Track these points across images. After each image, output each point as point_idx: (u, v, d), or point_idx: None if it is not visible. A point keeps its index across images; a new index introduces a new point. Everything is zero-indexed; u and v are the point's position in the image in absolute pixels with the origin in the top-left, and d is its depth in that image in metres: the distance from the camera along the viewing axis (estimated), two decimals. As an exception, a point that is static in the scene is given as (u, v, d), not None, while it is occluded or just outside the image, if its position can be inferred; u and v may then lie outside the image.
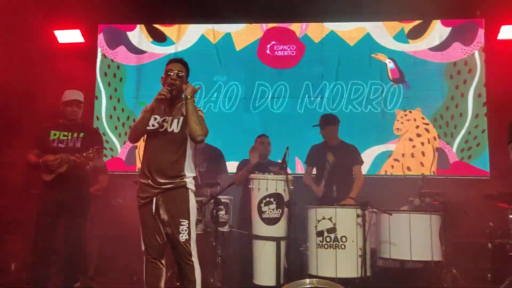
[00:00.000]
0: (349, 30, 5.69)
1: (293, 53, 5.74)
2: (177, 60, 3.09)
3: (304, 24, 5.77)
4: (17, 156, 4.46)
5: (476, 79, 5.46)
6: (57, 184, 3.52)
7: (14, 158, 5.19)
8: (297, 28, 5.79)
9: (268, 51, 5.78)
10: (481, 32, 5.51)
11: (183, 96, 2.97)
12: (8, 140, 5.13)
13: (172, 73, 3.00)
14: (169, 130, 2.96)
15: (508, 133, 2.72)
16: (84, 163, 3.44)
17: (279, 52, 5.76)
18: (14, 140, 4.96)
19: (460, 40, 5.54)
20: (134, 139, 3.05)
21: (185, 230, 2.88)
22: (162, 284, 3.00)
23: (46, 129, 3.67)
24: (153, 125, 2.96)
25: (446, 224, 3.84)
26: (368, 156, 5.37)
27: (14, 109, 5.18)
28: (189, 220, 2.91)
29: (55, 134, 3.63)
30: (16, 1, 5.07)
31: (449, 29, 5.58)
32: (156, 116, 2.98)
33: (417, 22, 5.61)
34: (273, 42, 5.78)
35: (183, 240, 2.87)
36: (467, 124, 5.43)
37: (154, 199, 2.90)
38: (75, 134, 3.65)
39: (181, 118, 2.99)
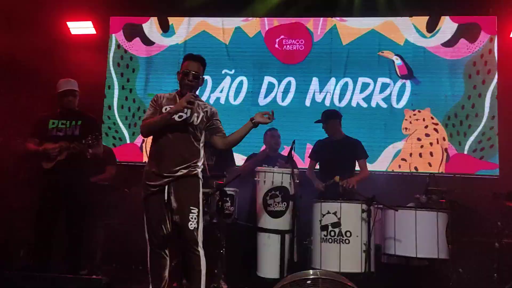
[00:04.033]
0: (358, 27, 5.65)
1: (301, 47, 5.71)
2: (194, 59, 3.05)
3: (313, 18, 5.74)
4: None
5: (495, 80, 5.37)
6: (57, 171, 3.55)
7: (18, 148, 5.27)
8: (308, 22, 5.76)
9: (276, 45, 5.76)
10: (483, 33, 5.43)
11: (253, 122, 3.02)
12: (18, 130, 5.19)
13: (189, 75, 2.98)
14: (189, 121, 2.96)
15: None
16: (83, 150, 3.47)
17: (288, 46, 5.74)
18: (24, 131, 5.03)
19: (466, 37, 5.47)
20: (148, 135, 3.04)
21: (195, 219, 2.87)
22: (167, 273, 3.02)
23: (45, 118, 3.72)
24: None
25: (453, 222, 3.80)
26: (376, 153, 5.34)
27: (27, 99, 5.24)
28: (198, 208, 2.92)
29: (53, 123, 3.68)
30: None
31: (456, 25, 5.51)
32: (171, 106, 2.97)
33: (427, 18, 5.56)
34: (282, 36, 5.76)
35: (192, 228, 2.86)
36: (481, 125, 5.34)
37: (166, 187, 2.89)
38: (73, 122, 3.69)
39: (201, 114, 3.01)
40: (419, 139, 5.43)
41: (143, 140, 5.73)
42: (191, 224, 2.86)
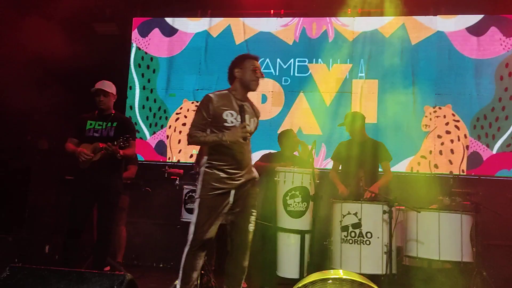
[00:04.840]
0: (381, 25, 5.59)
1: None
2: (258, 60, 3.06)
3: (333, 18, 5.70)
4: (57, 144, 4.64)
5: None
6: (92, 172, 3.66)
7: (51, 145, 5.40)
8: (326, 22, 5.73)
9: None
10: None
11: None
12: (43, 129, 5.34)
13: (259, 72, 2.97)
14: (248, 128, 2.88)
15: None
16: (115, 151, 3.55)
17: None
18: (50, 129, 5.15)
19: (498, 26, 5.29)
20: (195, 145, 3.07)
21: (253, 221, 2.97)
22: (197, 275, 3.04)
23: (84, 119, 3.84)
24: (231, 122, 2.90)
25: (478, 225, 3.72)
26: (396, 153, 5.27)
27: (50, 99, 5.38)
28: (256, 211, 3.00)
29: (91, 124, 3.80)
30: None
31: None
32: (232, 112, 2.92)
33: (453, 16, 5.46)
34: (303, 36, 5.74)
35: (251, 230, 2.94)
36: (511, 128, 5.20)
37: (233, 191, 2.91)
38: (109, 124, 3.79)
39: (254, 118, 3.03)
40: (439, 136, 5.31)
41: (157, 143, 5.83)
42: (251, 226, 2.94)
